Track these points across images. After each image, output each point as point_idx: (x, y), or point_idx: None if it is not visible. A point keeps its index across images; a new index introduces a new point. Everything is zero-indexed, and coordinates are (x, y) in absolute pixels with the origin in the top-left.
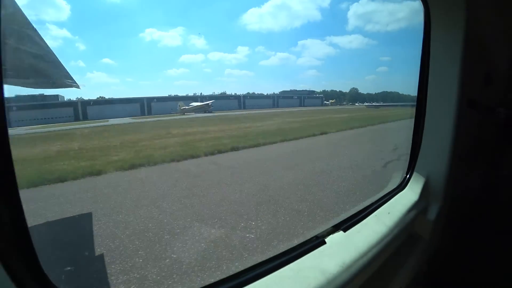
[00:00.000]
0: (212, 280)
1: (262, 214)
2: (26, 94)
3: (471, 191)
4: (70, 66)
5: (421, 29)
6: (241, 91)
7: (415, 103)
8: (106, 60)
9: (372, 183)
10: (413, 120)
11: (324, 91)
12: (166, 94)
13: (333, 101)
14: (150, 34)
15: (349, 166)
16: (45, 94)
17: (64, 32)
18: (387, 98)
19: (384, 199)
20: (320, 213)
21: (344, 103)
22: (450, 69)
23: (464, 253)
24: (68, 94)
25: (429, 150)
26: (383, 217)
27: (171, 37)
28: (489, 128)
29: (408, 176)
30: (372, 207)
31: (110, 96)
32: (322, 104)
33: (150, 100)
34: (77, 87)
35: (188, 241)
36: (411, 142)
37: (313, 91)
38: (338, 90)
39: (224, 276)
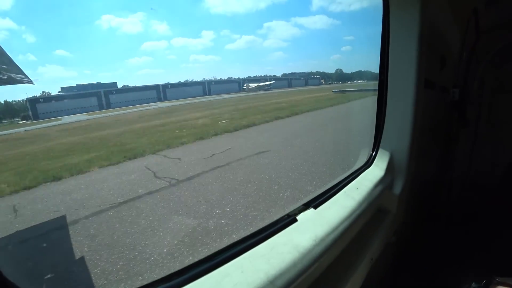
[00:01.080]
0: (185, 264)
1: None
2: None
3: (431, 165)
4: (18, 60)
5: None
6: (207, 76)
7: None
8: (60, 52)
9: None
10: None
11: (311, 72)
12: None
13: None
14: (108, 21)
15: None
16: None
17: (8, 22)
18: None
19: (352, 176)
20: None
21: (329, 82)
22: (408, 51)
23: (425, 222)
24: (22, 91)
25: (391, 128)
26: (352, 193)
27: (131, 23)
28: (444, 107)
29: (373, 153)
30: (341, 184)
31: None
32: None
33: (209, 83)
34: (30, 82)
35: None
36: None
37: (310, 73)
38: (322, 71)
39: (197, 259)
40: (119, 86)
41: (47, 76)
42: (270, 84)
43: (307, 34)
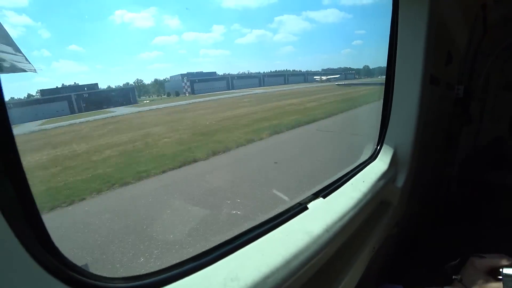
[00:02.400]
0: (211, 245)
1: None
2: None
3: (433, 160)
4: (33, 56)
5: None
6: (217, 71)
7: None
8: (73, 47)
9: None
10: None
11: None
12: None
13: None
14: (121, 16)
15: None
16: None
17: (25, 19)
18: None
19: (358, 169)
20: None
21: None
22: (415, 46)
23: (425, 214)
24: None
25: (396, 123)
26: (358, 185)
27: (143, 18)
28: (449, 103)
29: (378, 147)
30: (348, 176)
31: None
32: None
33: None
34: (34, 71)
35: None
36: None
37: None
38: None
39: (221, 241)
40: (131, 80)
41: (60, 72)
42: (336, 77)
43: (317, 28)
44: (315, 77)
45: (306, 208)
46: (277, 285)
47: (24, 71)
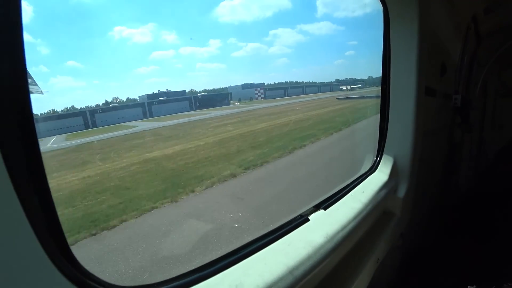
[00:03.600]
0: (214, 257)
1: None
2: None
3: (435, 169)
4: (31, 72)
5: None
6: (213, 84)
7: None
8: (71, 63)
9: None
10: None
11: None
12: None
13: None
14: (119, 32)
15: None
16: None
17: (25, 36)
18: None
19: (358, 180)
20: None
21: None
22: (408, 61)
23: (431, 225)
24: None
25: (394, 135)
26: (358, 196)
27: (142, 33)
28: (447, 113)
29: (378, 159)
30: (348, 188)
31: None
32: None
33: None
34: (40, 93)
35: None
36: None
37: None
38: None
39: (224, 253)
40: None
41: (57, 87)
42: (358, 87)
43: (311, 40)
44: (341, 86)
45: (308, 220)
46: None
47: (32, 93)
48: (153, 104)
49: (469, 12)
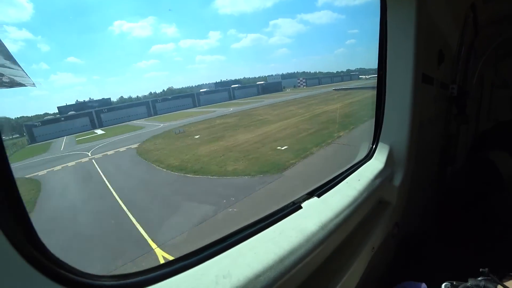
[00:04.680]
0: (200, 245)
1: None
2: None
3: (431, 159)
4: (32, 69)
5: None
6: (214, 76)
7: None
8: (71, 59)
9: None
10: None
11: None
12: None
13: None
14: (119, 26)
15: None
16: None
17: (25, 34)
18: None
19: (353, 168)
20: None
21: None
22: (405, 46)
23: (426, 214)
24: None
25: (390, 122)
26: (353, 183)
27: (142, 27)
28: (444, 102)
29: (374, 146)
30: (343, 175)
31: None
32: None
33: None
34: (32, 85)
35: None
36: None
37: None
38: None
39: (212, 240)
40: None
41: (58, 84)
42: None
43: (311, 29)
44: (360, 76)
45: (300, 207)
46: (270, 282)
47: (23, 85)
48: (236, 90)
49: (468, 0)
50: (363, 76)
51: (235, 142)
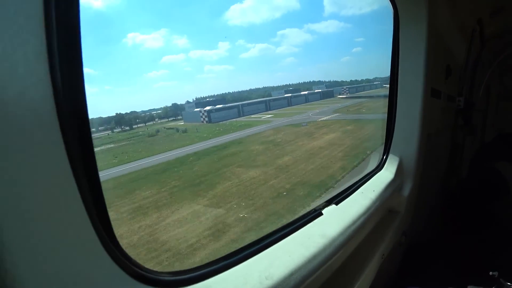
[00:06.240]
0: (233, 249)
1: None
2: None
3: (438, 169)
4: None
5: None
6: (222, 86)
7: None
8: (86, 70)
9: None
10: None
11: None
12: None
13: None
14: (133, 38)
15: None
16: None
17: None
18: None
19: (366, 178)
20: None
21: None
22: (416, 63)
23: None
24: None
25: (400, 134)
26: (368, 193)
27: (154, 39)
28: (451, 115)
29: (384, 157)
30: (357, 185)
31: None
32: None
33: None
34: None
35: None
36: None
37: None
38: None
39: (244, 244)
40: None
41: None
42: None
43: (318, 38)
44: (384, 85)
45: (321, 214)
46: (300, 281)
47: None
48: (310, 94)
49: (475, 15)
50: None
51: None
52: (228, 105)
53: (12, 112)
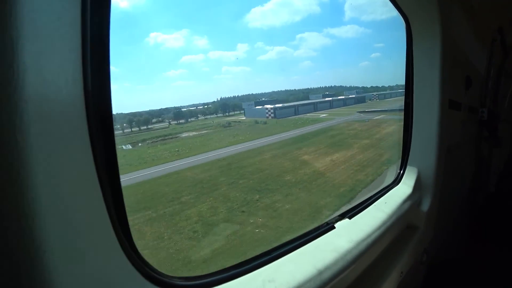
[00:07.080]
0: (244, 258)
1: None
2: None
3: (462, 183)
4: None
5: None
6: (238, 88)
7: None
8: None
9: None
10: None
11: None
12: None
13: None
14: (155, 38)
15: None
16: None
17: None
18: None
19: (382, 192)
20: None
21: None
22: (431, 75)
23: (455, 240)
24: None
25: (418, 147)
26: (381, 207)
27: (175, 39)
28: (472, 126)
29: (401, 171)
30: (371, 199)
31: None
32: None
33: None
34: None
35: None
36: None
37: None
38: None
39: (255, 254)
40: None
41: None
42: None
43: (337, 43)
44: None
45: (333, 227)
46: None
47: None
48: (348, 99)
49: (495, 24)
50: None
51: None
52: (287, 104)
53: (46, 111)
